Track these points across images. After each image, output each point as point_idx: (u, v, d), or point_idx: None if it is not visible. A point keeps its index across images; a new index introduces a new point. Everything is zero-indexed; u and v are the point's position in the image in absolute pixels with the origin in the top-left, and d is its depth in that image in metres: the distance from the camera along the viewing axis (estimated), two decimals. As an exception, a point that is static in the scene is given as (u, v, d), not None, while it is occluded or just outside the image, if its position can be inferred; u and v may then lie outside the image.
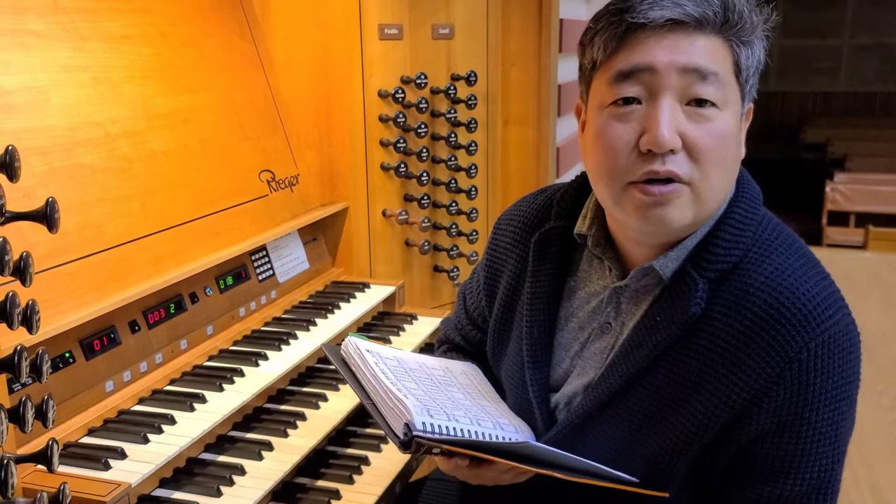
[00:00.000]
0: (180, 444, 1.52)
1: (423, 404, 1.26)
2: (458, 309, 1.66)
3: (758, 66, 1.19)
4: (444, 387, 1.40)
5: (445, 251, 2.59)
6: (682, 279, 1.18)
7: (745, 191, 1.23)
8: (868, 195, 7.36)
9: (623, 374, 1.22)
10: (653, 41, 1.12)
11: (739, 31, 1.14)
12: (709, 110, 1.13)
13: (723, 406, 1.15)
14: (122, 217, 1.73)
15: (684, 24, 1.11)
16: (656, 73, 1.12)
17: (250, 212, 2.13)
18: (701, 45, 1.12)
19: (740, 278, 1.16)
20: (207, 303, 1.95)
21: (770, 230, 1.21)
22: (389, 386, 1.30)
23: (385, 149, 2.42)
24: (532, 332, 1.35)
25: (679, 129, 1.12)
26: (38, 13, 1.67)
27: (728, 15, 1.13)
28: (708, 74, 1.12)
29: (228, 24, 2.23)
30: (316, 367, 2.02)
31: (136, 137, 1.83)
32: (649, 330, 1.20)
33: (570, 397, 1.32)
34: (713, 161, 1.13)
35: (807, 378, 1.12)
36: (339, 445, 1.78)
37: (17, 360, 1.10)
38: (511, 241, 1.45)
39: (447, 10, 2.51)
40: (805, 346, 1.11)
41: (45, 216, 1.14)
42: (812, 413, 1.13)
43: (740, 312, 1.14)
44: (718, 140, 1.13)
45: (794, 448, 1.15)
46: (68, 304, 1.55)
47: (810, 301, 1.13)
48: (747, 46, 1.15)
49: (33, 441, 1.43)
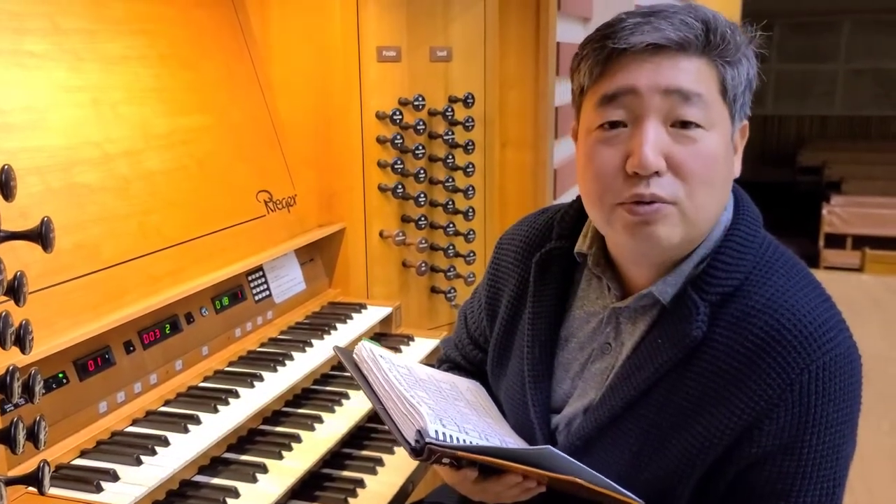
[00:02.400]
0: (174, 466, 1.51)
1: (435, 413, 1.25)
2: (459, 328, 1.66)
3: (748, 84, 1.19)
4: (451, 400, 1.40)
5: (443, 272, 2.58)
6: (683, 302, 1.18)
7: (744, 214, 1.24)
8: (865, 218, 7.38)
9: (623, 397, 1.22)
10: (635, 65, 1.13)
11: (723, 51, 1.14)
12: (694, 131, 1.13)
13: (724, 428, 1.15)
14: (119, 237, 1.73)
15: (666, 47, 1.13)
16: (639, 96, 1.13)
17: (247, 232, 2.12)
18: (684, 66, 1.13)
19: (741, 301, 1.16)
20: (203, 323, 1.94)
21: (771, 253, 1.21)
22: (403, 392, 1.28)
23: (383, 170, 2.43)
24: (534, 350, 1.35)
25: (664, 151, 1.12)
26: (37, 34, 1.68)
27: (710, 37, 1.13)
28: (691, 96, 1.12)
29: (227, 46, 2.24)
30: (312, 388, 2.01)
31: (133, 157, 1.83)
32: (650, 352, 1.20)
33: (570, 419, 1.32)
34: (699, 181, 1.14)
35: (808, 400, 1.11)
36: (335, 468, 1.77)
37: (10, 380, 1.09)
38: (513, 261, 1.45)
39: (445, 32, 2.53)
40: (806, 367, 1.11)
41: (39, 235, 1.14)
42: (813, 436, 1.13)
43: (741, 335, 1.14)
44: (704, 160, 1.13)
45: (794, 471, 1.14)
46: (63, 324, 1.54)
47: (811, 323, 1.12)
48: (733, 66, 1.16)
49: (24, 462, 1.41)
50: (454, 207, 2.57)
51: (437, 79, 2.52)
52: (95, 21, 1.83)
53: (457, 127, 2.55)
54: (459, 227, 2.59)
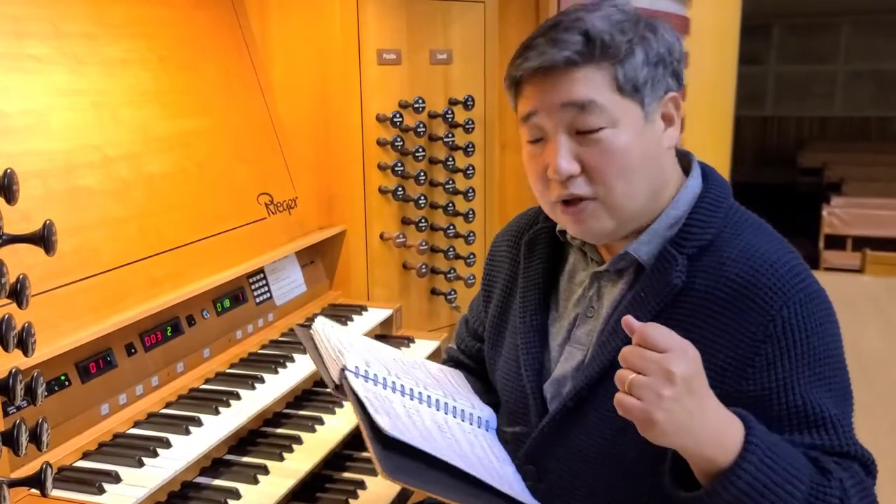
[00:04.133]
0: (175, 467, 1.51)
1: (363, 358, 1.34)
2: (460, 327, 1.72)
3: (658, 63, 1.25)
4: (406, 367, 1.46)
5: (443, 274, 2.59)
6: (662, 257, 1.27)
7: (713, 182, 1.34)
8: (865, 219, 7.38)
9: (611, 351, 1.26)
10: (534, 88, 1.27)
11: (607, 55, 1.23)
12: (598, 133, 1.24)
13: (713, 371, 1.17)
14: (120, 240, 1.73)
15: (555, 66, 1.23)
16: (542, 115, 1.27)
17: (248, 235, 2.13)
18: (575, 78, 1.23)
19: (716, 253, 1.25)
20: (204, 325, 1.94)
21: (741, 214, 1.32)
22: (337, 344, 1.37)
23: (383, 172, 2.43)
24: (525, 319, 1.43)
25: (576, 156, 1.25)
26: (38, 38, 1.69)
27: (591, 47, 1.23)
28: (585, 105, 1.23)
29: (227, 49, 2.25)
30: (312, 390, 2.01)
31: (133, 161, 1.83)
32: (634, 306, 1.27)
33: (559, 382, 1.37)
34: (613, 175, 1.24)
35: (792, 334, 1.18)
36: (336, 469, 1.77)
37: (12, 382, 1.10)
38: (506, 250, 1.55)
39: (445, 35, 2.53)
40: (785, 304, 1.18)
41: (42, 239, 1.14)
42: (805, 367, 1.17)
43: (720, 281, 1.22)
44: (612, 156, 1.24)
45: (793, 404, 1.17)
46: (65, 327, 1.55)
47: (783, 266, 1.21)
48: (623, 62, 1.23)
49: (27, 465, 1.42)
50: (454, 209, 2.58)
51: (437, 81, 2.53)
52: (96, 25, 1.84)
53: (457, 129, 2.56)
54: (460, 228, 2.60)
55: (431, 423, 1.32)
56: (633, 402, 1.06)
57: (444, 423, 1.34)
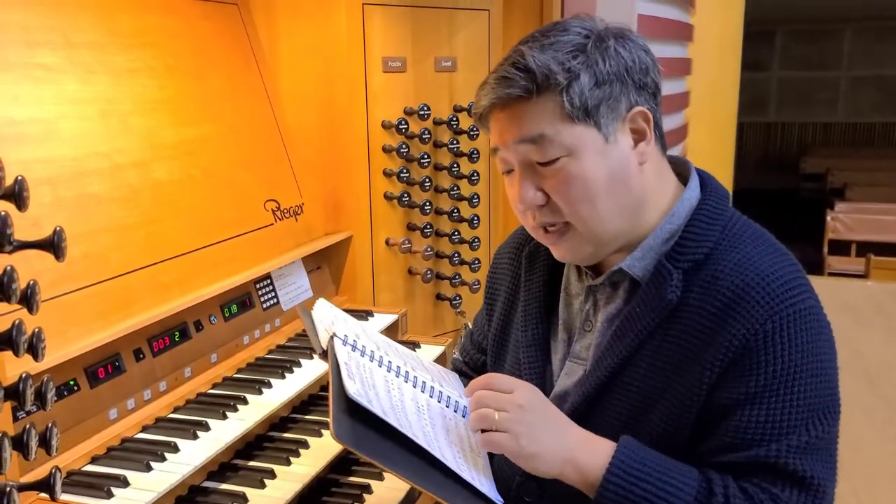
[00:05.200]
0: (183, 472, 1.52)
1: (355, 332, 1.37)
2: (466, 339, 1.73)
3: (614, 80, 1.23)
4: (401, 353, 1.47)
5: (448, 280, 2.60)
6: (657, 272, 1.26)
7: (711, 192, 1.32)
8: (869, 224, 7.37)
9: (608, 367, 1.28)
10: (494, 124, 1.29)
11: (551, 85, 1.22)
12: (556, 164, 1.24)
13: (699, 382, 1.19)
14: (128, 246, 1.75)
15: (502, 103, 1.25)
16: (503, 150, 1.29)
17: (255, 241, 2.14)
18: (524, 112, 1.24)
19: (712, 266, 1.23)
20: (212, 331, 1.96)
21: (740, 225, 1.29)
22: (332, 318, 1.40)
23: (388, 178, 2.45)
24: (527, 333, 1.43)
25: (540, 186, 1.26)
26: (48, 47, 1.70)
27: (534, 81, 1.22)
28: (535, 139, 1.23)
29: (235, 58, 2.27)
30: (319, 394, 2.02)
31: (141, 168, 1.85)
32: (630, 321, 1.27)
33: (560, 398, 1.37)
34: (578, 200, 1.24)
35: (774, 349, 1.16)
36: (342, 473, 1.78)
37: (22, 387, 1.11)
38: (507, 263, 1.55)
39: (450, 43, 2.55)
40: (770, 318, 1.16)
41: (52, 245, 1.15)
42: (783, 385, 1.16)
43: (712, 295, 1.21)
44: (575, 183, 1.24)
45: (766, 419, 1.16)
46: (74, 332, 1.56)
47: (776, 280, 1.19)
48: (569, 88, 1.21)
49: (37, 469, 1.43)
50: (459, 215, 2.59)
51: (442, 88, 2.55)
52: (105, 34, 1.86)
53: (461, 136, 2.57)
54: (464, 234, 2.61)
55: (411, 401, 1.31)
56: (501, 436, 1.17)
57: (424, 404, 1.33)
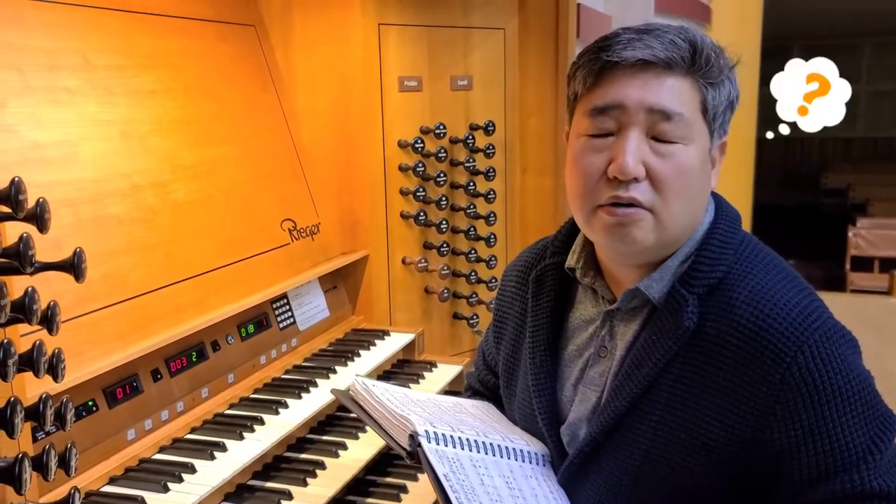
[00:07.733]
0: (200, 493, 1.52)
1: (425, 419, 1.33)
2: (478, 359, 1.71)
3: (730, 105, 1.26)
4: (452, 413, 1.45)
5: (465, 298, 2.59)
6: (672, 297, 1.24)
7: (723, 214, 1.31)
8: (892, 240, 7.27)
9: (626, 397, 1.25)
10: (625, 80, 1.21)
11: (707, 73, 1.22)
12: (673, 146, 1.21)
13: (733, 417, 1.17)
14: (146, 266, 1.76)
15: (654, 64, 1.20)
16: (626, 111, 1.21)
17: (272, 260, 2.15)
18: (669, 85, 1.20)
19: (726, 292, 1.22)
20: (229, 351, 1.96)
21: (750, 250, 1.27)
22: (394, 409, 1.37)
23: (405, 197, 2.45)
24: (535, 360, 1.40)
25: (644, 160, 1.20)
26: (70, 70, 1.73)
27: (696, 59, 1.21)
28: (673, 115, 1.20)
29: (252, 78, 2.29)
30: (336, 415, 2.01)
31: (161, 189, 1.87)
32: (647, 349, 1.24)
33: (575, 426, 1.35)
34: (675, 192, 1.21)
35: (812, 379, 1.14)
36: (359, 495, 1.77)
37: (42, 408, 1.11)
38: (515, 286, 1.52)
39: (465, 62, 2.56)
40: (799, 349, 1.15)
41: (72, 266, 1.16)
42: (833, 410, 1.14)
43: (731, 325, 1.19)
44: (680, 173, 1.21)
45: (830, 449, 1.15)
46: (92, 353, 1.57)
47: (793, 309, 1.17)
48: (715, 87, 1.23)
49: (56, 490, 1.43)
50: (476, 234, 2.59)
51: (458, 107, 2.55)
52: (125, 57, 1.88)
53: (478, 154, 2.57)
54: (481, 253, 2.60)
55: (500, 479, 1.31)
56: None
57: (509, 474, 1.33)
